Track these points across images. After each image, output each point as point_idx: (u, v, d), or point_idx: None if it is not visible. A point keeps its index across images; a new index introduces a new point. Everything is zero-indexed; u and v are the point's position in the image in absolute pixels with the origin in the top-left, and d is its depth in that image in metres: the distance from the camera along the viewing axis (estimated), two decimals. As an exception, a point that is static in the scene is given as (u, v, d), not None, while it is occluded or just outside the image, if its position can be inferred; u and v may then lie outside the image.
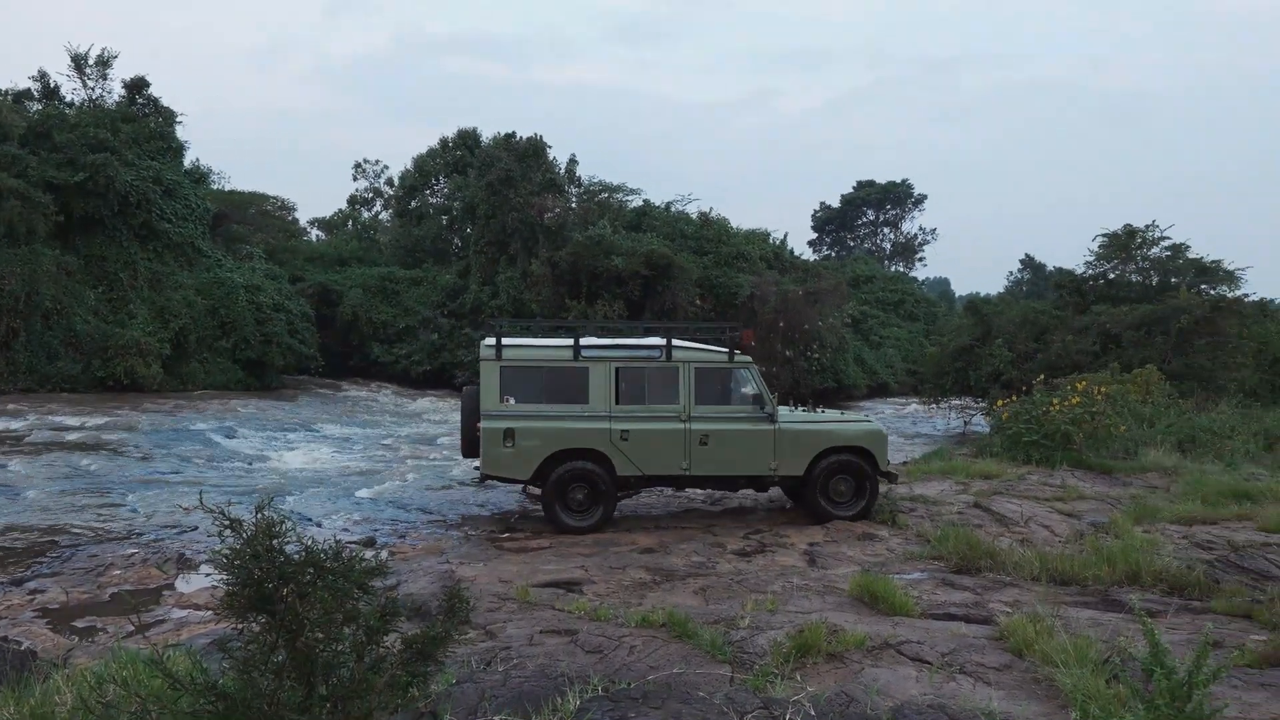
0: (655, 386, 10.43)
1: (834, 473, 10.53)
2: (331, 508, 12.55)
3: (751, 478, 10.66)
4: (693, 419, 10.34)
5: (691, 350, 10.58)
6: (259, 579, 3.50)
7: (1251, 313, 28.65)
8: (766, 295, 33.78)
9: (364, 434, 21.97)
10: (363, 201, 50.45)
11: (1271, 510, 9.98)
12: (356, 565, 3.77)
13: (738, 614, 6.41)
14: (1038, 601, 6.71)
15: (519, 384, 10.30)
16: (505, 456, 10.12)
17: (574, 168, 39.26)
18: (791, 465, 10.50)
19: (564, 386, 10.33)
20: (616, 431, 10.22)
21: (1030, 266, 65.44)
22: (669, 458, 10.32)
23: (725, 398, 10.59)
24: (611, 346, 10.60)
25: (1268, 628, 6.13)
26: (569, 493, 10.19)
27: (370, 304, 36.99)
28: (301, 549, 3.60)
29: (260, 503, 3.78)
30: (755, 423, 10.47)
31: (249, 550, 3.56)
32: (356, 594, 3.79)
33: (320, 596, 3.56)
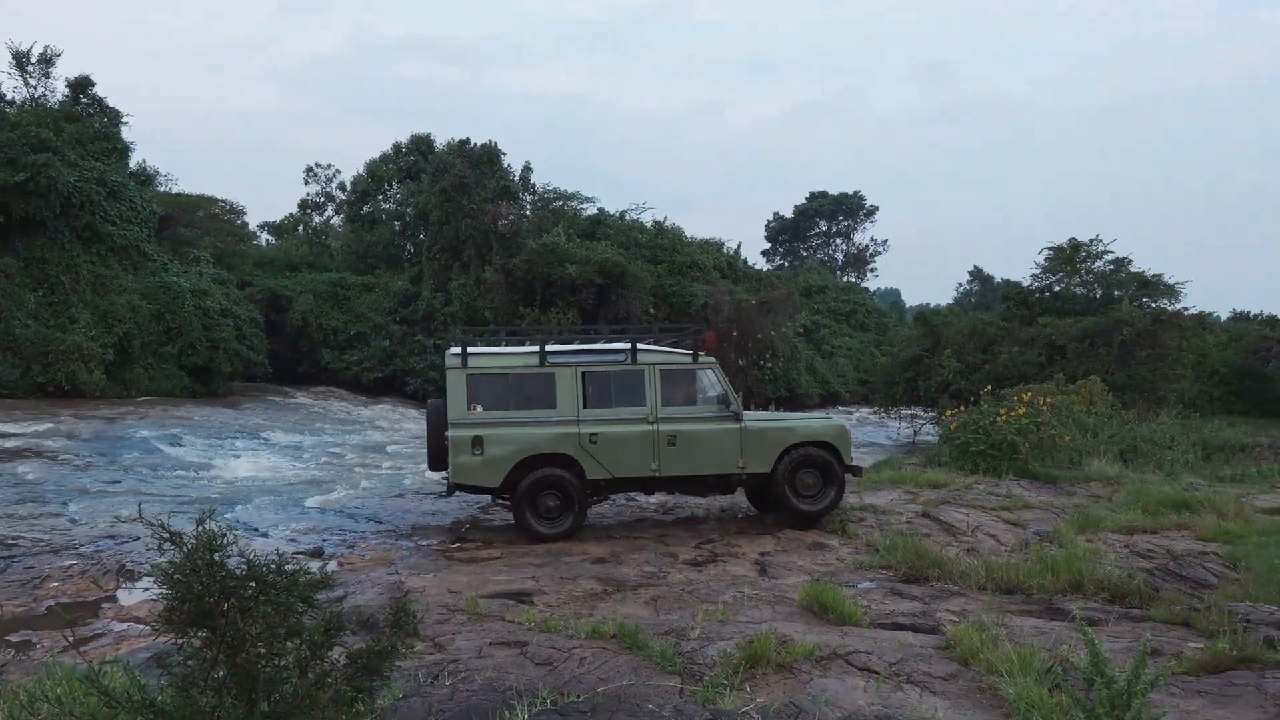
0: (622, 390, 10.45)
1: (800, 467, 10.64)
2: (279, 517, 12.35)
3: (720, 477, 10.71)
4: (660, 420, 10.39)
5: (656, 353, 10.65)
6: (199, 594, 3.43)
7: (1191, 326, 29.42)
8: (720, 304, 33.95)
9: (313, 442, 21.67)
10: (314, 206, 49.85)
11: (1208, 520, 10.23)
12: (300, 579, 3.71)
13: (688, 624, 6.42)
14: (983, 610, 6.80)
15: (486, 392, 10.25)
16: (474, 465, 10.03)
17: (529, 175, 39.20)
18: (758, 463, 10.58)
19: (531, 393, 10.31)
20: (585, 435, 10.22)
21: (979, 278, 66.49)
22: (638, 459, 10.34)
23: (691, 398, 10.68)
24: (577, 352, 10.61)
25: (1205, 635, 6.26)
26: (540, 500, 10.15)
27: (321, 310, 36.55)
28: (243, 563, 3.54)
29: (201, 515, 3.71)
30: (721, 422, 10.56)
31: (189, 564, 3.49)
32: (300, 608, 3.73)
33: (263, 611, 3.50)
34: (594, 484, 10.41)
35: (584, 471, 10.23)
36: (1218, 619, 6.40)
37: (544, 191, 39.16)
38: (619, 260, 33.74)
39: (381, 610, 6.62)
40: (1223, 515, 10.45)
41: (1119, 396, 21.81)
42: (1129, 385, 24.42)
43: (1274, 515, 10.93)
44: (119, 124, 34.44)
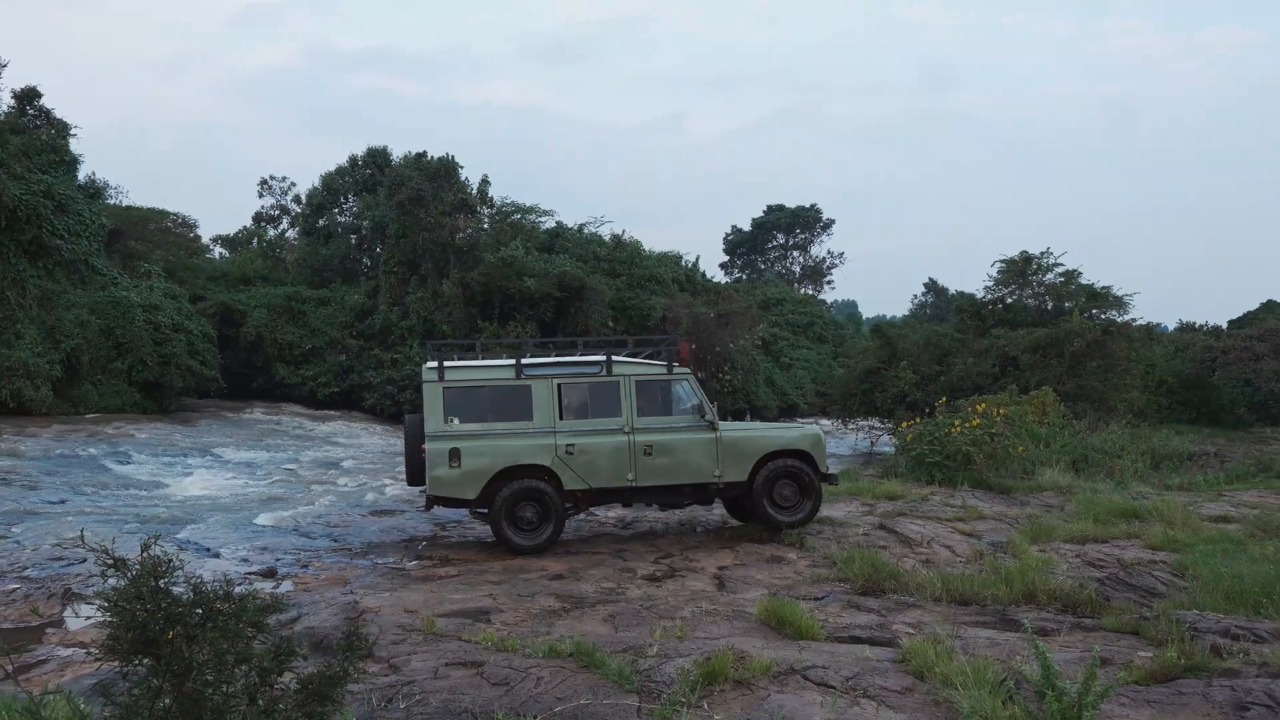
0: (598, 400, 10.51)
1: (777, 478, 10.72)
2: (231, 536, 12.14)
3: (696, 487, 10.76)
4: (636, 430, 10.45)
5: (631, 364, 10.71)
6: (143, 621, 3.36)
7: (1139, 337, 30.02)
8: (679, 317, 34.03)
9: (267, 458, 21.36)
10: (269, 219, 49.26)
11: (1157, 528, 10.42)
12: (249, 603, 3.65)
13: (646, 641, 6.40)
14: (939, 623, 6.86)
15: (463, 404, 10.28)
16: (451, 477, 10.05)
17: (486, 188, 39.04)
18: (734, 472, 10.64)
19: (508, 405, 10.35)
20: (562, 446, 10.26)
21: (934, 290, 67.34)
22: (615, 470, 10.38)
23: (666, 408, 10.73)
24: (553, 364, 10.67)
25: (1154, 644, 6.36)
26: (518, 511, 10.17)
27: (275, 324, 36.06)
28: (189, 588, 3.47)
29: (147, 540, 3.63)
30: (697, 431, 10.61)
31: (134, 591, 3.42)
32: (250, 633, 3.67)
33: (210, 637, 3.44)
34: (572, 495, 10.44)
35: (561, 483, 10.27)
36: (1166, 628, 6.51)
37: (502, 205, 39.03)
38: (577, 273, 33.71)
39: (336, 632, 6.55)
40: (1171, 524, 10.65)
41: (1070, 406, 22.17)
42: (1080, 395, 24.84)
43: (1220, 523, 11.16)
44: (67, 136, 33.80)
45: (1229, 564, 8.30)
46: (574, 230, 39.46)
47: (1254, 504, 12.77)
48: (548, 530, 10.19)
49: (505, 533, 10.14)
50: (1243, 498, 13.59)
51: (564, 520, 10.45)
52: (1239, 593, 7.36)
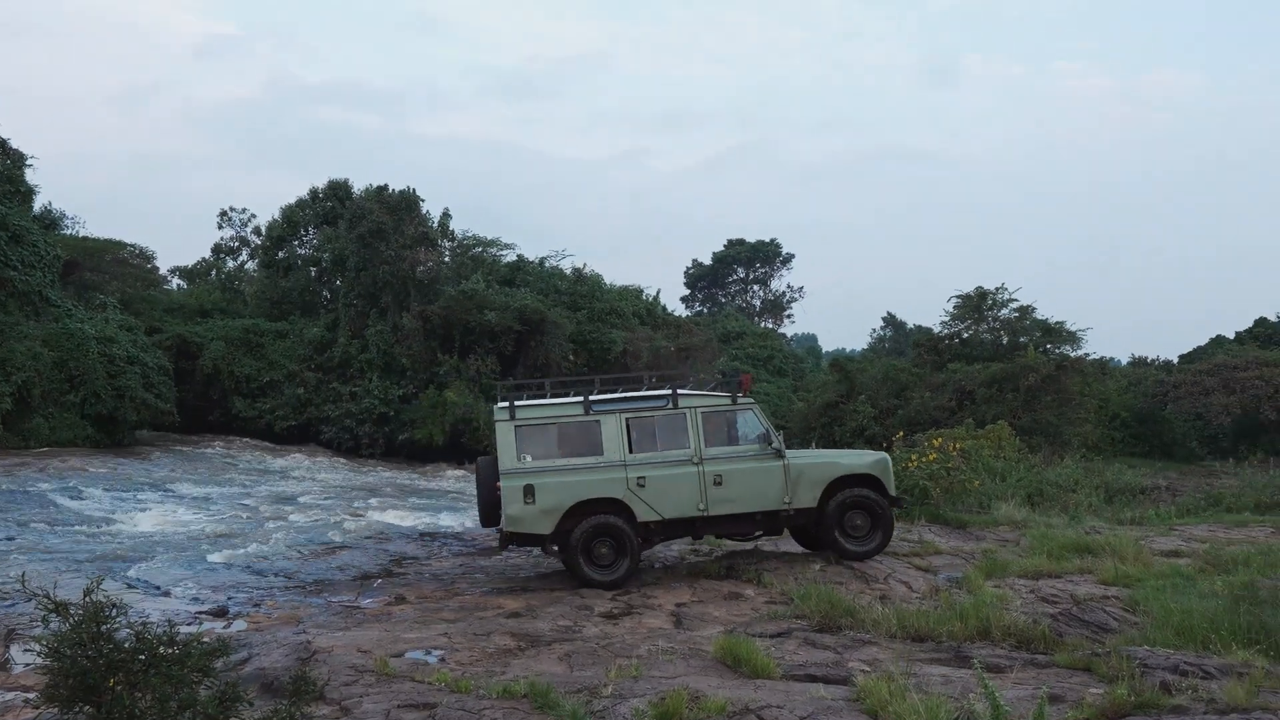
0: (666, 433, 10.69)
1: (848, 507, 10.86)
2: (183, 574, 11.91)
3: (767, 515, 10.87)
4: (705, 460, 10.59)
5: (696, 396, 10.90)
6: (85, 668, 3.30)
7: (1092, 371, 30.51)
8: (639, 351, 34.12)
9: (222, 493, 21.01)
10: (228, 251, 48.71)
11: (1109, 563, 10.56)
12: (194, 648, 3.60)
13: (602, 681, 6.37)
14: (894, 660, 6.89)
15: (534, 442, 10.49)
16: (527, 513, 10.19)
17: (447, 221, 39.01)
18: (804, 498, 10.76)
19: (578, 440, 10.55)
20: (633, 479, 10.41)
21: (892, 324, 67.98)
22: (686, 500, 10.52)
23: (733, 438, 10.90)
24: (619, 399, 10.85)
25: (1105, 680, 6.43)
26: (593, 548, 10.28)
27: (233, 357, 35.61)
28: (133, 634, 3.42)
29: (90, 584, 3.58)
30: (764, 460, 10.75)
31: (75, 637, 3.36)
32: (195, 678, 3.61)
33: (153, 683, 3.38)
34: (645, 528, 10.53)
35: (634, 515, 10.38)
36: (1117, 664, 6.59)
37: (463, 238, 39.00)
38: (538, 307, 33.71)
39: (287, 673, 6.43)
40: (1123, 559, 10.79)
41: (1026, 440, 22.44)
42: (1035, 429, 25.16)
43: (1171, 558, 11.34)
44: (23, 166, 33.37)
45: (1179, 599, 8.42)
46: (535, 264, 39.49)
47: (1204, 538, 12.98)
48: (624, 565, 10.30)
49: (582, 569, 10.26)
50: (1193, 532, 13.81)
51: (639, 554, 10.56)
52: (1189, 628, 7.46)
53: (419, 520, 18.00)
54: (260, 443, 33.50)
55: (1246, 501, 17.32)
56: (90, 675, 3.27)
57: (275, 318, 38.68)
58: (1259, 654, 6.71)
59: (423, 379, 33.56)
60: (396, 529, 16.47)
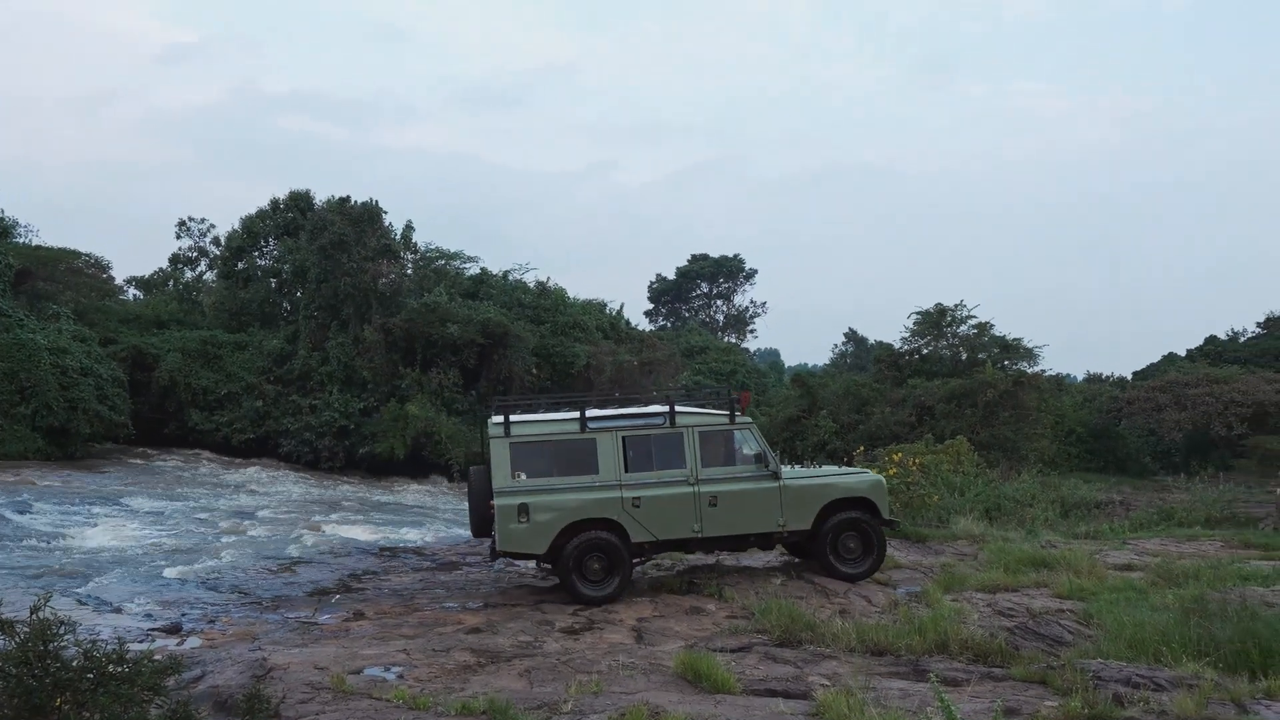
0: (662, 452, 10.62)
1: (842, 530, 10.84)
2: (136, 590, 11.70)
3: (761, 536, 10.89)
4: (701, 481, 10.54)
5: (694, 415, 10.82)
6: (30, 687, 3.23)
7: (1049, 387, 30.99)
8: (602, 365, 34.11)
9: (177, 507, 20.66)
10: (186, 261, 48.02)
11: (1065, 577, 10.71)
12: (145, 666, 3.54)
13: (562, 697, 6.33)
14: (853, 674, 6.93)
15: (529, 459, 10.40)
16: (520, 532, 10.12)
17: (410, 234, 38.79)
18: (798, 520, 10.74)
19: (573, 459, 10.46)
20: (628, 499, 10.33)
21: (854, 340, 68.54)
22: (681, 521, 10.47)
23: (730, 458, 10.83)
24: (615, 417, 10.76)
25: (1060, 693, 6.51)
26: (585, 563, 10.23)
27: (190, 368, 35.06)
28: (81, 652, 3.35)
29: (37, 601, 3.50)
30: (761, 481, 10.70)
31: (20, 656, 3.29)
32: (145, 697, 3.55)
33: (101, 703, 3.32)
34: (638, 547, 10.50)
35: (628, 535, 10.33)
36: (1071, 677, 6.68)
37: (426, 250, 38.80)
38: (501, 320, 33.60)
39: (241, 691, 6.34)
40: (1077, 572, 10.95)
41: (984, 455, 22.73)
42: (993, 444, 25.50)
43: (1124, 572, 11.52)
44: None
45: (1132, 613, 8.56)
46: (498, 277, 39.37)
47: (1156, 552, 13.20)
48: (615, 581, 10.25)
49: (574, 585, 10.21)
50: (1146, 546, 14.04)
51: (631, 570, 10.52)
52: (1141, 641, 7.58)
53: (379, 535, 17.82)
54: (217, 456, 33.02)
55: (1197, 516, 17.66)
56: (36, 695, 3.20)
57: (234, 329, 38.18)
58: (1208, 666, 6.84)
59: (384, 392, 33.29)
60: (356, 544, 16.29)
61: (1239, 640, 7.16)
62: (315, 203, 39.21)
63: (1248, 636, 7.17)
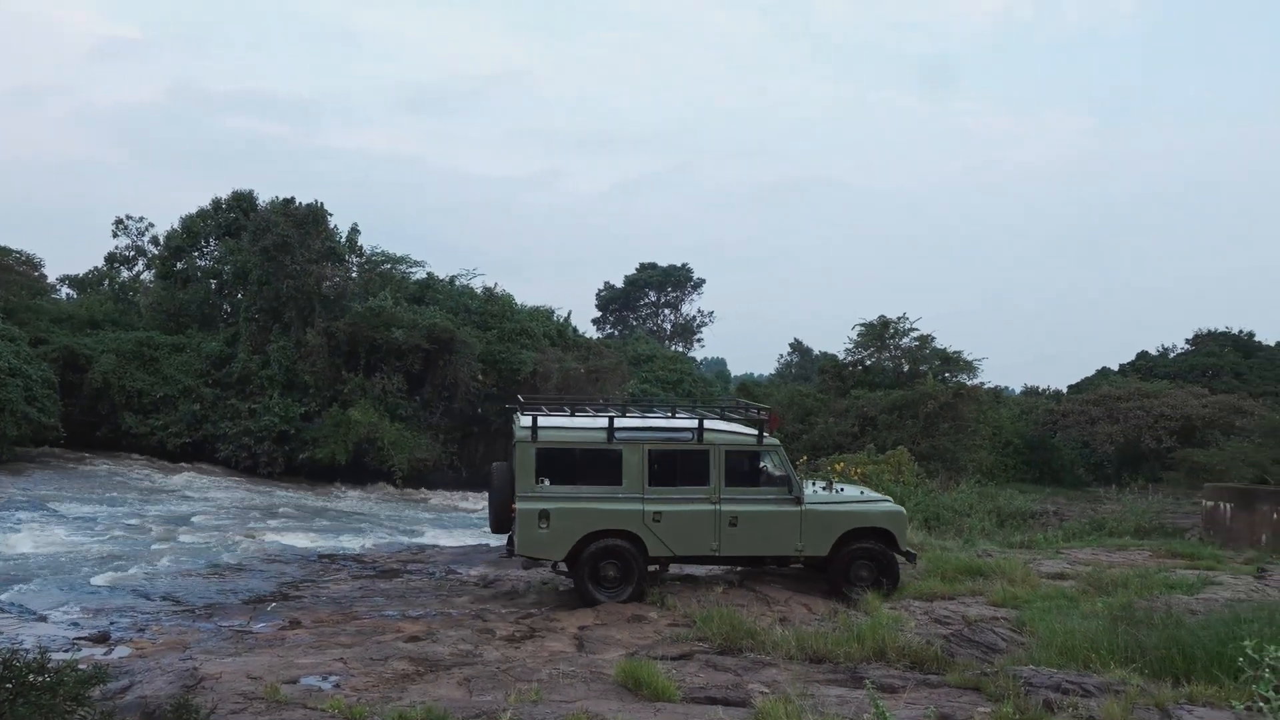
0: (687, 468, 10.64)
1: (855, 558, 10.79)
2: (62, 598, 11.40)
3: (778, 558, 11.01)
4: (723, 501, 10.52)
5: (722, 433, 10.78)
6: (-54, 697, 3.12)
7: (987, 400, 31.58)
8: (549, 372, 33.98)
9: (109, 513, 20.16)
10: (123, 260, 46.84)
11: (999, 585, 10.90)
12: (68, 675, 3.45)
13: (501, 706, 6.29)
14: (792, 682, 6.99)
15: (554, 465, 10.42)
16: (540, 538, 10.22)
17: (356, 237, 38.27)
18: (816, 546, 10.74)
19: (598, 468, 10.48)
20: (649, 513, 10.35)
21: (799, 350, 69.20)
22: (699, 539, 10.50)
23: (754, 479, 10.84)
24: (644, 428, 10.72)
25: (993, 699, 6.63)
26: (601, 569, 10.31)
27: (124, 370, 34.17)
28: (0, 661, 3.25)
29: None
30: (782, 504, 10.68)
31: (-64, 664, 3.18)
32: (67, 707, 3.45)
33: (20, 714, 3.22)
34: (655, 559, 10.57)
35: (646, 548, 10.37)
36: (1004, 683, 6.81)
37: (372, 254, 38.29)
38: (447, 326, 33.32)
39: (170, 701, 6.19)
40: (1012, 581, 11.15)
41: (924, 466, 23.07)
42: (933, 455, 25.89)
43: (1057, 580, 11.75)
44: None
45: (1063, 620, 8.74)
46: (445, 282, 39.04)
47: (1088, 561, 13.49)
48: (629, 588, 10.33)
49: (589, 590, 10.29)
50: (1078, 555, 14.34)
51: (645, 578, 10.55)
52: (1071, 648, 7.75)
53: (318, 542, 17.56)
54: (152, 460, 32.24)
55: (1127, 526, 18.10)
56: (-48, 705, 3.10)
57: (171, 331, 37.33)
58: (1135, 672, 7.01)
59: (326, 397, 32.81)
60: (294, 551, 16.04)
61: (1164, 647, 7.35)
62: (258, 203, 38.54)
63: (1172, 644, 7.36)
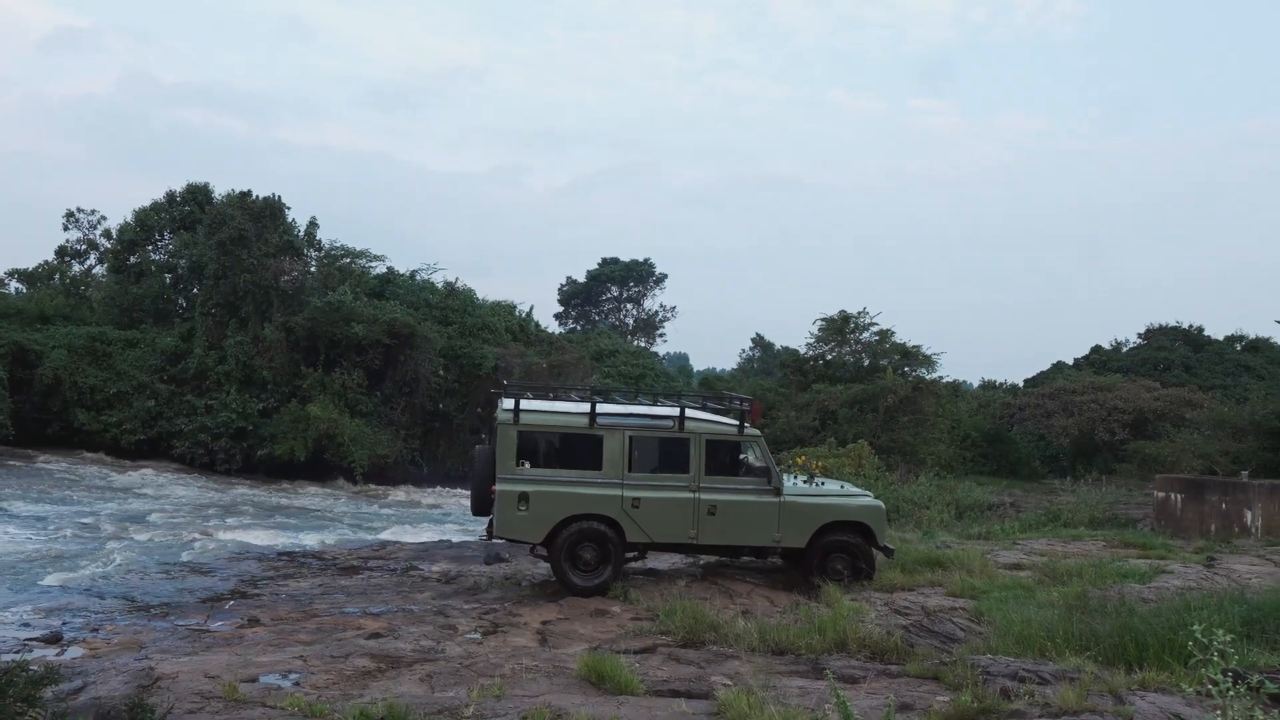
0: (667, 456, 10.67)
1: (831, 550, 10.83)
2: (12, 598, 11.18)
3: (755, 548, 11.01)
4: (702, 489, 10.55)
5: (703, 422, 10.80)
6: (-108, 700, 3.05)
7: (946, 393, 31.94)
8: (511, 367, 33.84)
9: (60, 511, 19.78)
10: (74, 254, 45.94)
11: (958, 576, 11.04)
12: (18, 677, 3.38)
13: (463, 702, 6.27)
14: (754, 674, 7.03)
15: (534, 448, 10.43)
16: (519, 520, 10.26)
17: (314, 231, 37.84)
18: (794, 538, 10.76)
19: (578, 452, 10.50)
20: (628, 499, 10.36)
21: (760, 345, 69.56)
22: (677, 526, 10.52)
23: (734, 469, 10.86)
24: (625, 414, 10.73)
25: (952, 688, 6.72)
26: (578, 552, 10.31)
27: (76, 366, 33.53)
28: (-51, 662, 3.18)
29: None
30: (761, 495, 10.72)
31: (-119, 666, 3.10)
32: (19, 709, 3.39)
33: (-29, 716, 3.15)
34: (633, 545, 10.57)
35: (624, 533, 10.38)
36: (962, 672, 6.90)
37: (331, 248, 37.87)
38: (408, 321, 33.05)
39: (125, 702, 6.10)
40: (970, 572, 11.30)
41: (884, 459, 23.31)
42: (893, 448, 26.16)
43: (1014, 570, 11.93)
44: None
45: (1020, 610, 8.87)
46: (406, 277, 38.71)
47: (1044, 552, 13.71)
48: (606, 572, 10.35)
49: (565, 574, 10.32)
50: (1034, 546, 14.58)
51: (623, 563, 10.59)
52: (1028, 637, 7.87)
53: (278, 539, 17.36)
54: (105, 458, 31.69)
55: (1082, 517, 18.42)
56: (-101, 707, 3.03)
57: (125, 326, 36.67)
58: (1089, 660, 7.14)
59: (285, 392, 32.41)
60: (253, 548, 15.84)
61: (1117, 635, 7.49)
62: (214, 197, 37.98)
63: (1125, 631, 7.50)
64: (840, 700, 4.31)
